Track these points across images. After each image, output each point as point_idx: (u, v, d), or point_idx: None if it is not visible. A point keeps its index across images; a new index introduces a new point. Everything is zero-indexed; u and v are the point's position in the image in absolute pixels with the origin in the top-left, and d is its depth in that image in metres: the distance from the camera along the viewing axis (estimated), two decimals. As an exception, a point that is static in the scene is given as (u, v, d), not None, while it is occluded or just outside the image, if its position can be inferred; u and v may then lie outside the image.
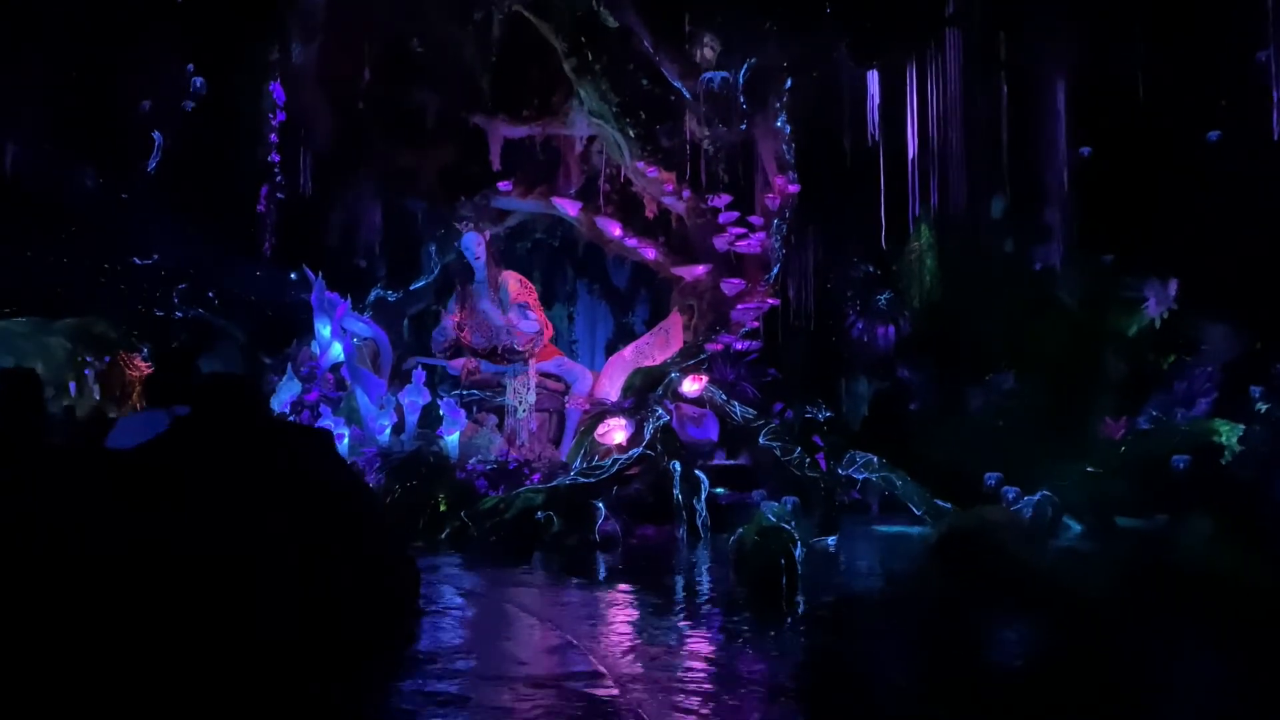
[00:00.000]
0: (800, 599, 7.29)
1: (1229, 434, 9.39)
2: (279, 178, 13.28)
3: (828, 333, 15.14)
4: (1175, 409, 10.69)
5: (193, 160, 12.79)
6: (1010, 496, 9.09)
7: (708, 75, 12.54)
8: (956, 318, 13.88)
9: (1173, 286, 12.08)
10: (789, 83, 12.68)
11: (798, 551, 7.48)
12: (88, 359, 16.27)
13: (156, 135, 13.85)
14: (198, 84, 12.46)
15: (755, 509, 9.93)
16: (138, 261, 14.61)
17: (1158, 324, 12.04)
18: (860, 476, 11.81)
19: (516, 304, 13.63)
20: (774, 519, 7.60)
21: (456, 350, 14.26)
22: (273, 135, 13.04)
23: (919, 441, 13.15)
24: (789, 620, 6.90)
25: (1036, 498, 9.17)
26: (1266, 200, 10.95)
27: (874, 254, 14.84)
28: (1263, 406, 9.47)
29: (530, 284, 14.30)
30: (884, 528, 11.24)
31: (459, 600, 7.32)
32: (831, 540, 9.72)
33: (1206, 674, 5.38)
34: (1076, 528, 9.47)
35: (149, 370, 16.01)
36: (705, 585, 8.15)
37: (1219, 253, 11.34)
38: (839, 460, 11.83)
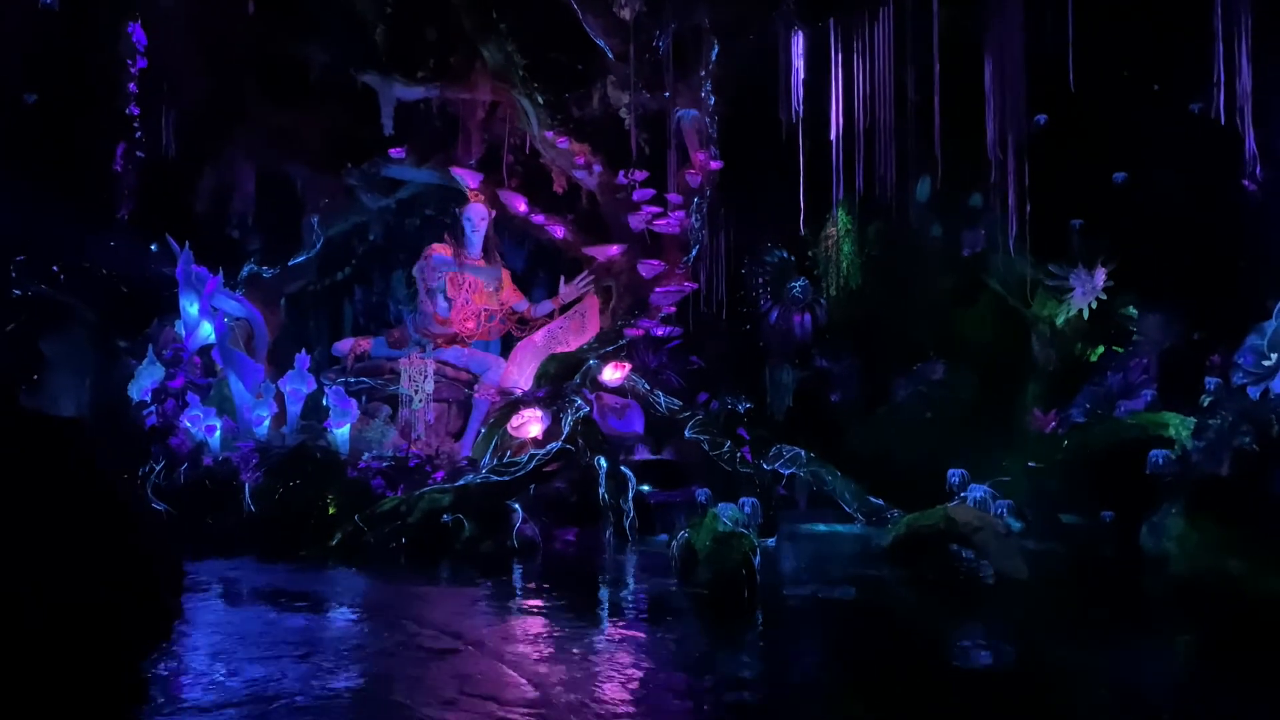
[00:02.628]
0: (759, 612, 6.46)
1: (1179, 427, 9.02)
2: (139, 134, 11.59)
3: (742, 320, 14.40)
4: (1115, 401, 10.34)
5: (34, 109, 10.99)
6: (979, 496, 8.49)
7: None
8: (878, 306, 13.34)
9: (1100, 276, 11.78)
10: (715, 50, 11.80)
11: (756, 559, 6.62)
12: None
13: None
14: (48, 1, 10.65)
15: (692, 509, 9.08)
16: (-34, 229, 12.64)
17: (1085, 314, 11.72)
18: (787, 471, 11.11)
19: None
20: (729, 523, 6.72)
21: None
22: (132, 84, 11.34)
23: (843, 434, 12.58)
24: (749, 636, 6.04)
25: (978, 494, 8.59)
26: (1201, 186, 10.72)
27: (792, 238, 14.14)
28: (1206, 400, 9.13)
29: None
30: (818, 526, 10.54)
31: (352, 616, 6.17)
32: (770, 542, 8.94)
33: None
34: (1017, 525, 8.96)
35: (-20, 354, 14.02)
36: (644, 596, 7.20)
37: (1151, 240, 11.08)
38: (764, 454, 11.09)
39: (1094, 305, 11.81)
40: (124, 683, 4.72)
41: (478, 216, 13.18)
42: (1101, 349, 11.53)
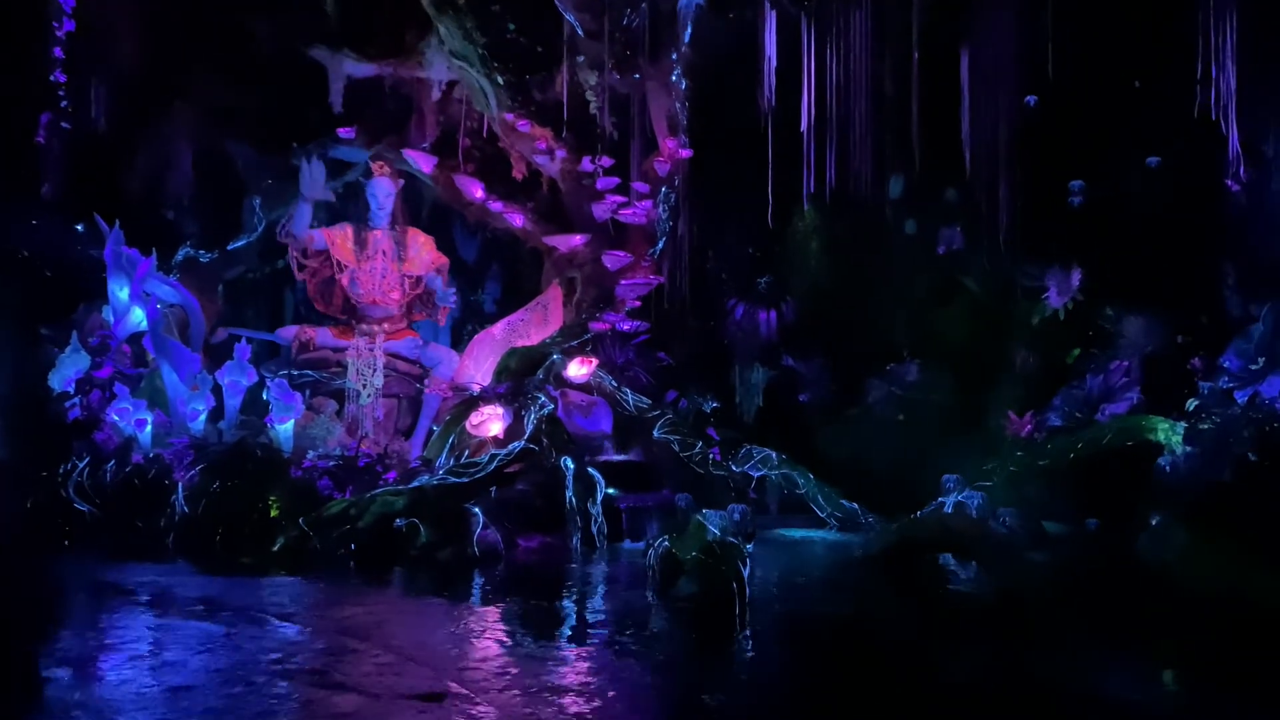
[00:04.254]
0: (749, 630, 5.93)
1: (1168, 432, 8.73)
2: (64, 104, 10.70)
3: (706, 316, 13.89)
4: (1095, 405, 10.05)
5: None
6: (977, 502, 8.07)
7: None
8: (848, 304, 12.92)
9: (1076, 276, 11.52)
10: (689, 31, 11.27)
11: (746, 572, 6.10)
12: None
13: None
14: None
15: (665, 515, 8.54)
16: None
17: (1061, 315, 11.44)
18: (758, 474, 10.62)
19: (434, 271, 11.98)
20: (718, 532, 6.18)
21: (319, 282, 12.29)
22: (57, 49, 10.44)
23: (813, 436, 12.14)
24: (745, 659, 5.52)
25: (975, 500, 8.18)
26: (1184, 186, 10.50)
27: (759, 233, 13.66)
28: (1192, 404, 8.88)
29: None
30: (791, 532, 10.07)
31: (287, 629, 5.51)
32: (748, 549, 8.41)
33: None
34: (1015, 533, 8.57)
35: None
36: (620, 611, 6.62)
37: (1132, 241, 10.83)
38: (734, 455, 10.59)
39: (1070, 306, 11.53)
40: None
41: (383, 192, 12.55)
42: (1078, 351, 11.24)
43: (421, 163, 12.83)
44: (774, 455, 10.57)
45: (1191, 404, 9.16)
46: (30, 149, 10.62)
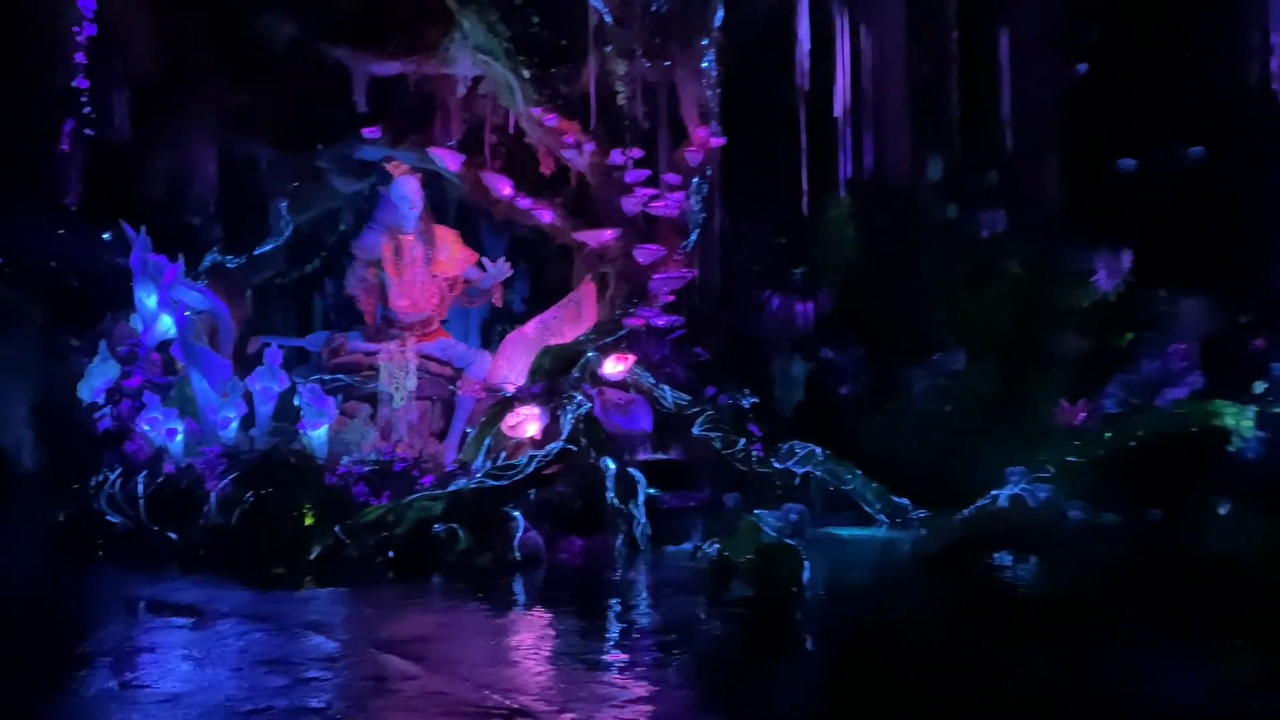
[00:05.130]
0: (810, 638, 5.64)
1: (1236, 417, 8.33)
2: (87, 109, 10.55)
3: (741, 309, 13.57)
4: (1157, 390, 9.65)
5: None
6: (1040, 496, 7.73)
7: None
8: (886, 293, 12.55)
9: (1126, 257, 11.12)
10: (720, 15, 10.95)
11: (805, 575, 5.81)
12: None
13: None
14: None
15: (710, 515, 8.27)
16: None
17: (1112, 298, 11.05)
18: (801, 471, 10.30)
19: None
20: (773, 533, 5.89)
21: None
22: (79, 54, 10.29)
23: (854, 429, 11.79)
24: (798, 662, 5.23)
25: (1042, 494, 7.83)
26: (1240, 161, 10.09)
27: (792, 221, 13.33)
28: (1260, 387, 8.48)
29: None
30: (838, 530, 9.74)
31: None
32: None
33: None
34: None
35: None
36: (673, 618, 6.34)
37: (1186, 218, 10.42)
38: (775, 452, 10.29)
39: (1120, 288, 11.12)
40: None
41: (411, 190, 12.13)
42: (1131, 335, 10.82)
43: (448, 161, 12.60)
44: (818, 451, 10.25)
45: (1259, 386, 8.77)
46: (54, 157, 10.48)
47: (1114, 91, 10.85)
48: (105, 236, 11.42)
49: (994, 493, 9.00)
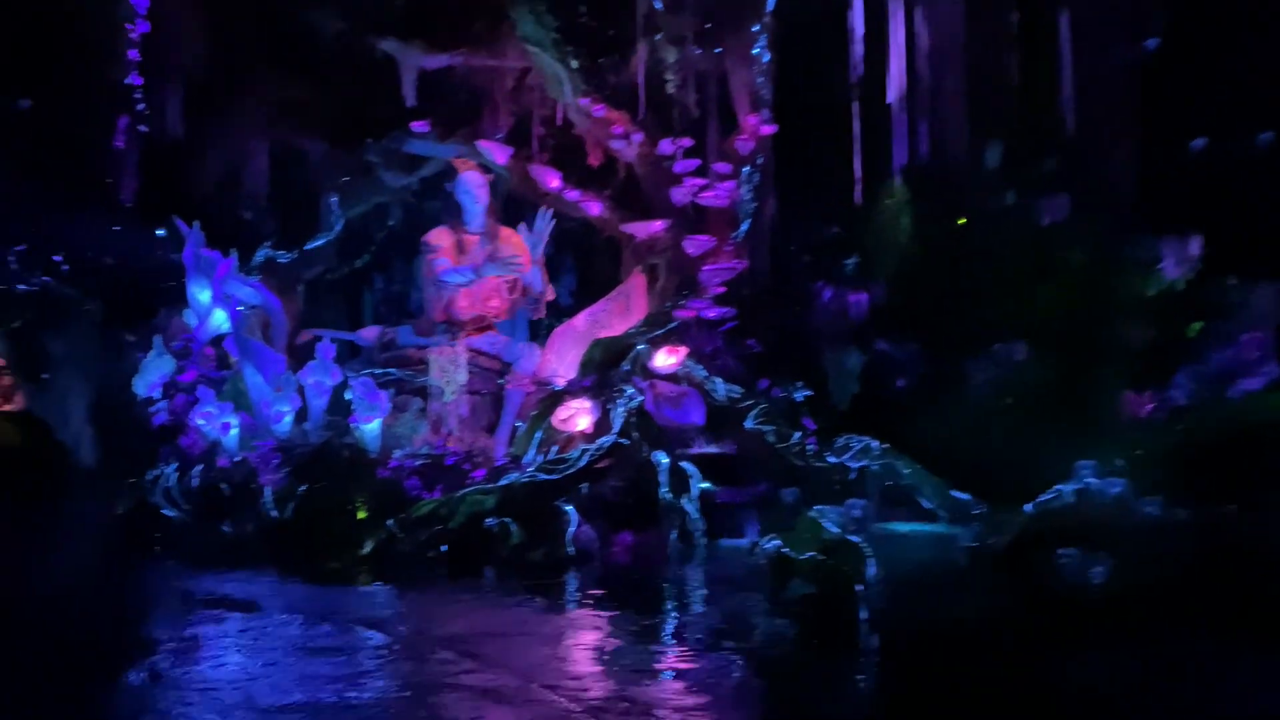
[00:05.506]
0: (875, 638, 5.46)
1: (1317, 408, 7.98)
2: (141, 106, 10.63)
3: (792, 301, 13.33)
4: (1226, 381, 9.28)
5: (25, 81, 10.02)
6: (1116, 491, 7.45)
7: None
8: (943, 283, 12.23)
9: (1195, 244, 10.70)
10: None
11: (869, 572, 5.63)
12: (-86, 343, 13.39)
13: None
14: None
15: (766, 510, 8.10)
16: (-38, 218, 11.69)
17: (1180, 286, 10.64)
18: (857, 465, 10.06)
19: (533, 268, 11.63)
20: (836, 529, 5.72)
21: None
22: (132, 51, 10.37)
23: (912, 423, 11.52)
24: (863, 664, 5.06)
25: (1116, 489, 7.53)
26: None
27: (844, 211, 13.06)
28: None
29: None
30: (896, 526, 9.49)
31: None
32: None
33: None
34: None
35: (-11, 356, 13.19)
36: (731, 614, 6.19)
37: (1258, 204, 10.00)
38: (830, 446, 10.06)
39: (1189, 277, 10.72)
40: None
41: (475, 185, 12.07)
42: (1200, 325, 10.42)
43: (496, 154, 12.53)
44: (874, 445, 10.00)
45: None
46: (108, 154, 10.57)
47: (1183, 70, 10.42)
48: (160, 233, 11.53)
49: (1058, 487, 8.71)
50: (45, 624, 5.81)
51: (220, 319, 10.45)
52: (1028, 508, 8.73)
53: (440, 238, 12.04)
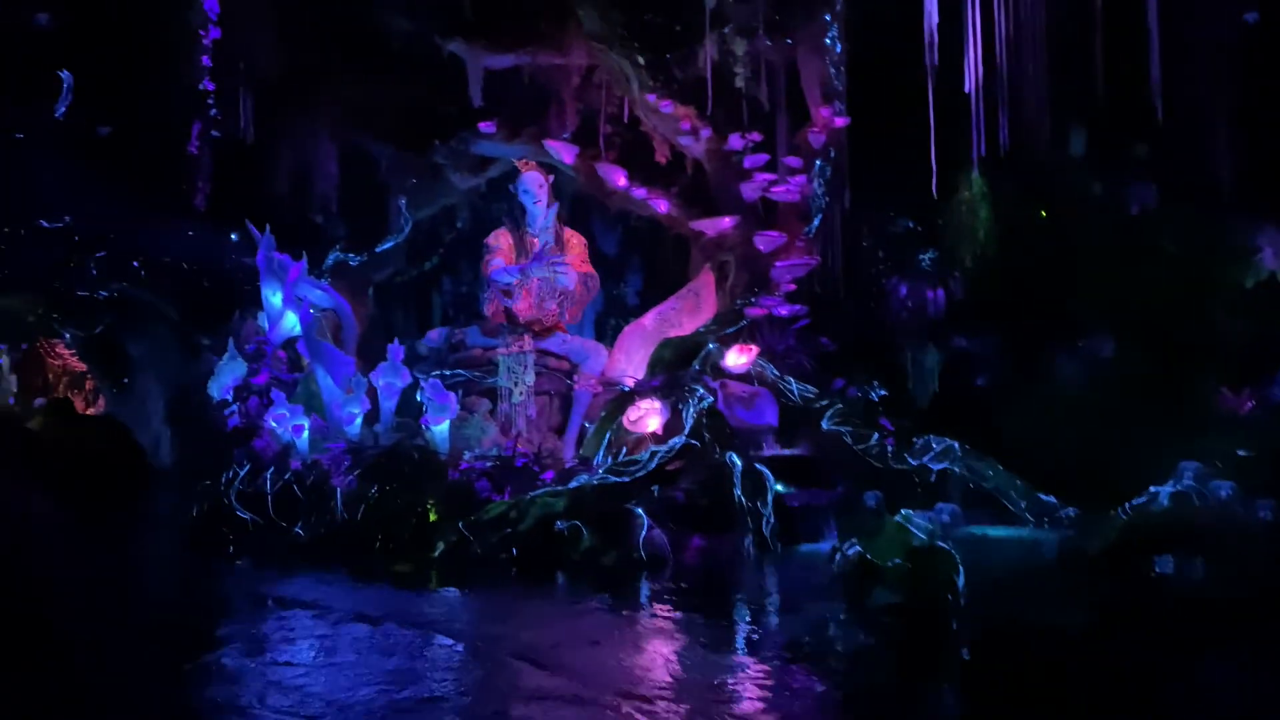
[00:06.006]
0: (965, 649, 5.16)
1: None
2: (214, 112, 10.73)
3: (866, 297, 12.96)
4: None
5: (103, 88, 10.18)
6: (1225, 494, 7.03)
7: None
8: (1024, 276, 11.78)
9: (1297, 233, 10.17)
10: (845, -14, 10.43)
11: (960, 582, 5.33)
12: (2, 346, 13.79)
13: (65, 75, 11.22)
14: None
15: (844, 513, 7.81)
16: (45, 225, 11.95)
17: (1280, 277, 10.11)
18: (938, 466, 9.71)
19: (583, 274, 11.43)
20: (923, 535, 5.43)
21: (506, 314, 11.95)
22: (205, 57, 10.47)
23: (994, 422, 11.09)
24: (956, 678, 4.77)
25: (1224, 492, 7.11)
26: None
27: (920, 204, 12.65)
28: None
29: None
30: (981, 529, 9.13)
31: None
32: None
33: None
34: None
35: (73, 359, 13.51)
36: (811, 622, 5.93)
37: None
38: (911, 447, 9.71)
39: (1291, 266, 10.16)
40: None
41: (535, 184, 11.93)
42: (1301, 317, 9.87)
43: (563, 153, 12.42)
44: (956, 445, 9.64)
45: None
46: (182, 159, 10.69)
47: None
48: (233, 238, 11.64)
49: (1154, 489, 8.28)
50: (118, 621, 5.87)
51: (292, 322, 10.50)
52: (1121, 511, 8.36)
53: (499, 239, 11.96)
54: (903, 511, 5.81)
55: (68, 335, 11.67)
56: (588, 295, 12.07)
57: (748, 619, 6.22)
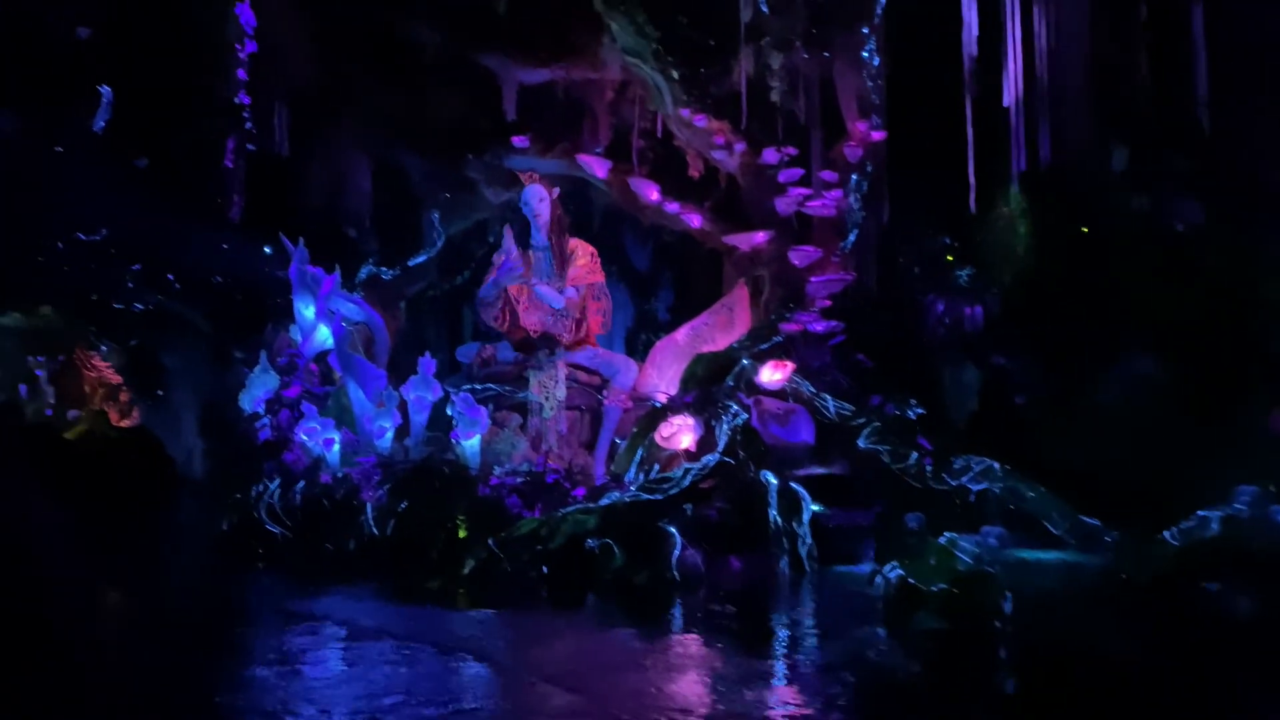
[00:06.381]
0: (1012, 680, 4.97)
1: None
2: (249, 125, 10.77)
3: (900, 313, 12.75)
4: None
5: (139, 102, 10.25)
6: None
7: None
8: (1064, 293, 11.52)
9: (1349, 248, 9.84)
10: (882, 1, 10.30)
11: (1008, 609, 5.14)
12: (39, 358, 13.88)
13: (105, 90, 11.34)
14: None
15: (882, 535, 7.63)
16: (83, 238, 12.05)
17: (1331, 295, 9.79)
18: (978, 487, 9.47)
19: (591, 285, 11.31)
20: (969, 559, 5.25)
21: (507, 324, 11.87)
22: (240, 71, 10.51)
23: (1033, 441, 10.84)
24: (1006, 711, 4.57)
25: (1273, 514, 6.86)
26: None
27: (956, 219, 12.46)
28: None
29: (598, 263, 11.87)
30: (1020, 553, 8.88)
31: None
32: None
33: None
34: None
35: (109, 371, 13.59)
36: (851, 648, 5.74)
37: None
38: (947, 467, 9.49)
39: (1343, 284, 9.84)
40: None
41: (536, 198, 11.61)
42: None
43: (596, 167, 12.36)
44: (996, 466, 9.41)
45: None
46: (217, 173, 10.73)
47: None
48: (266, 251, 11.67)
49: (1203, 513, 8.02)
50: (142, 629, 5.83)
51: (324, 335, 10.48)
52: (1168, 535, 8.11)
53: (506, 254, 11.81)
54: (947, 534, 5.62)
55: (104, 347, 11.73)
56: (604, 303, 11.85)
57: (785, 644, 6.05)
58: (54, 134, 11.11)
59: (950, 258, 12.99)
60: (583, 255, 11.73)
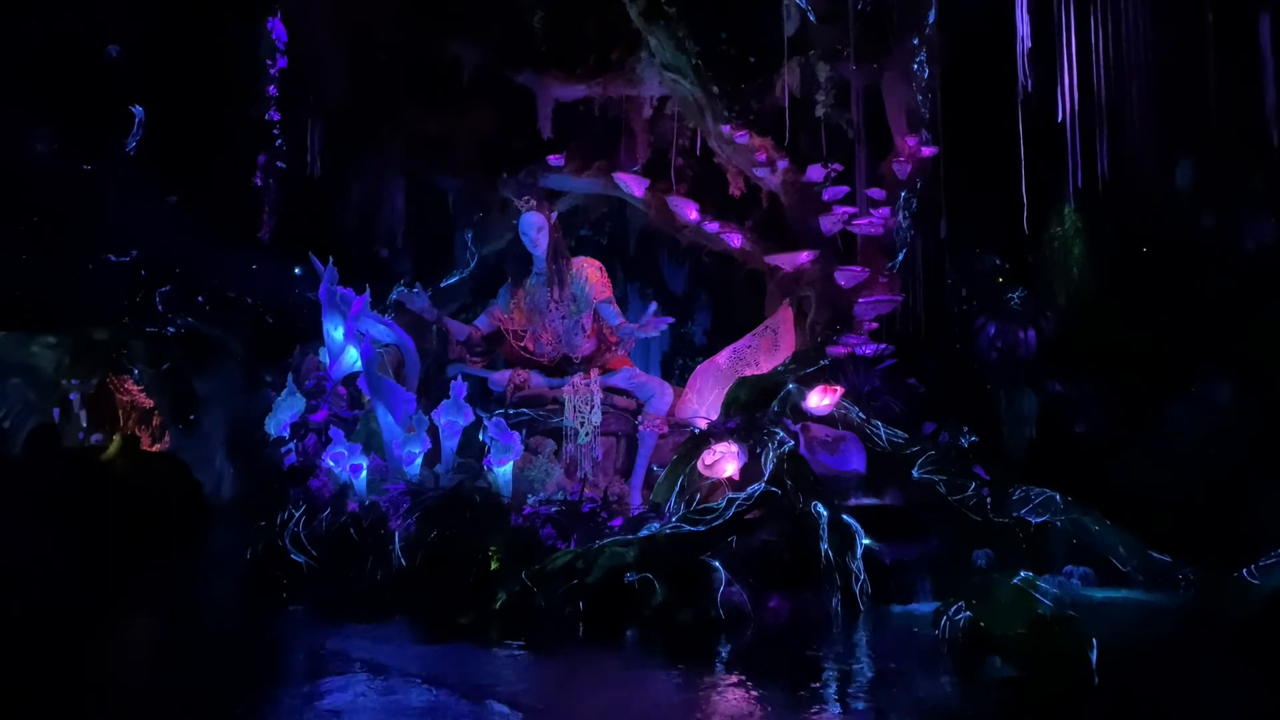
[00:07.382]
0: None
1: None
2: (279, 143, 10.54)
3: (951, 336, 12.25)
4: None
5: (169, 119, 10.06)
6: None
7: None
8: (1126, 316, 10.98)
9: None
10: (934, 9, 9.89)
11: (1094, 657, 4.63)
12: (73, 381, 13.74)
13: (137, 110, 11.20)
14: None
15: (952, 572, 7.12)
16: (114, 259, 11.89)
17: None
18: (1038, 520, 8.92)
19: (602, 300, 10.94)
20: (1048, 602, 4.75)
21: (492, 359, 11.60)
22: (272, 87, 10.29)
23: (1096, 472, 10.26)
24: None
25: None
26: None
27: (1009, 239, 11.97)
28: None
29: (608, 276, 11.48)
30: (1091, 592, 8.31)
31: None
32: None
33: None
34: None
35: (141, 395, 13.39)
36: (913, 696, 5.24)
37: None
38: (1005, 498, 8.96)
39: None
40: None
41: (534, 228, 11.08)
42: None
43: (633, 186, 12.03)
44: (1057, 497, 8.86)
45: None
46: (247, 192, 10.50)
47: None
48: (297, 272, 11.42)
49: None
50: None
51: (353, 357, 10.15)
52: (1246, 573, 7.54)
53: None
54: (1022, 573, 5.12)
55: (136, 371, 11.51)
56: (616, 320, 11.36)
57: (838, 690, 5.55)
58: (87, 154, 10.98)
59: (1001, 279, 12.53)
60: (592, 271, 11.30)
